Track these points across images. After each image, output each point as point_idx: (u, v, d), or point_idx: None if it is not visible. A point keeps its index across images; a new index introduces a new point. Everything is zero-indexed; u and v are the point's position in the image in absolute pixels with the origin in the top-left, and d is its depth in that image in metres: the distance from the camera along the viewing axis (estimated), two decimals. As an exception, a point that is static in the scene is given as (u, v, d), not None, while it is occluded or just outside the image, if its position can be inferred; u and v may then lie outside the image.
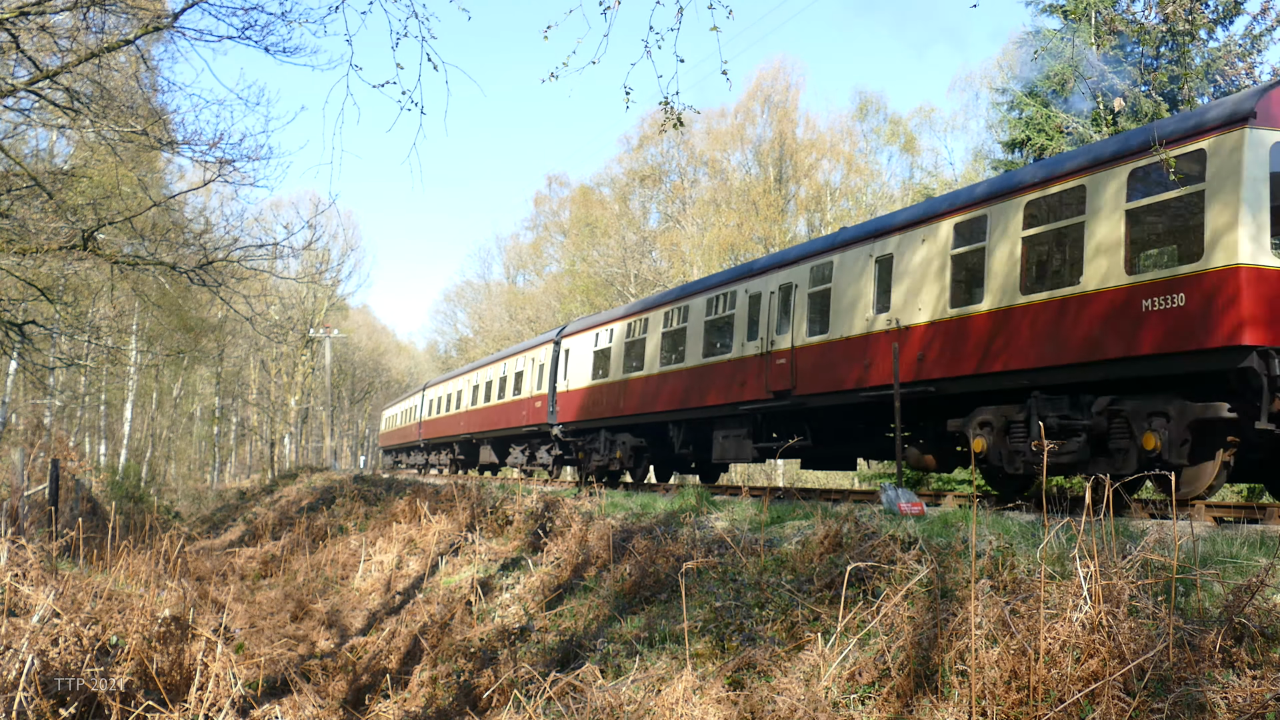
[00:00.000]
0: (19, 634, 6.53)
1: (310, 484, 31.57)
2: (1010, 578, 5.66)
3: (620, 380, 19.92)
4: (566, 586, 10.04)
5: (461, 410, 33.12)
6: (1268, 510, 8.93)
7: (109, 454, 37.13)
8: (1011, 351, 10.81)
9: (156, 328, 33.83)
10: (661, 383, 18.37)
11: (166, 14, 11.23)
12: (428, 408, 38.91)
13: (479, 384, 31.01)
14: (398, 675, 9.88)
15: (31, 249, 12.12)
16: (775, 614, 6.71)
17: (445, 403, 35.71)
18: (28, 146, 20.54)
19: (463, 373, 35.13)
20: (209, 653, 7.69)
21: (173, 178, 31.79)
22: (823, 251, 14.59)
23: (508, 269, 64.78)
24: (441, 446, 37.28)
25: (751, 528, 9.51)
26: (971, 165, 37.19)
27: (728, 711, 5.74)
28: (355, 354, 72.96)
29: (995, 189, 11.53)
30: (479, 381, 31.14)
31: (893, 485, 10.86)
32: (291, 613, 13.83)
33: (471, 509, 14.62)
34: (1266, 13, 19.00)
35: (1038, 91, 21.33)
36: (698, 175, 45.73)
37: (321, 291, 56.08)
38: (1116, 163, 9.74)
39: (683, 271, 41.42)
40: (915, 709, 5.13)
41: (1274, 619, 4.81)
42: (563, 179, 63.69)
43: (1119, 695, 4.52)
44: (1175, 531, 5.36)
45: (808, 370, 14.26)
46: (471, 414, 31.63)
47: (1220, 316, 8.58)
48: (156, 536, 12.31)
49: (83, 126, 11.45)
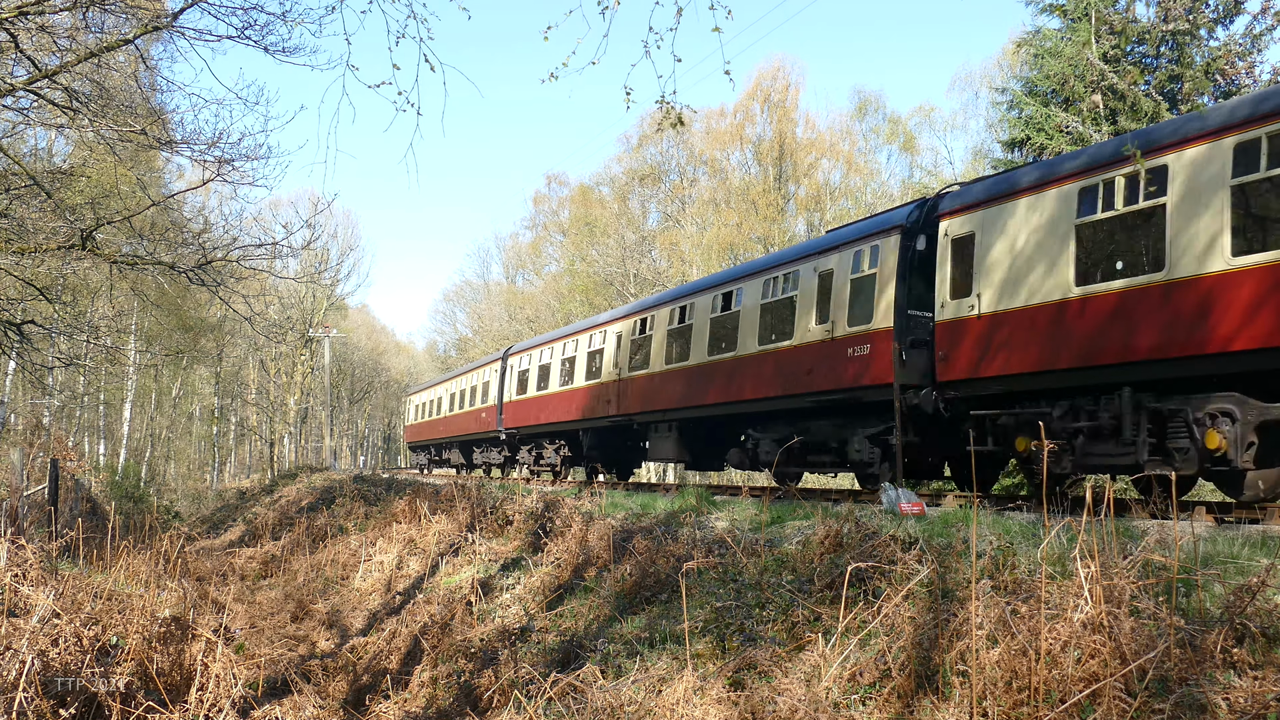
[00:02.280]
0: (19, 634, 6.52)
1: (310, 484, 31.55)
2: (1011, 578, 5.65)
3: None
4: (567, 587, 10.03)
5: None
6: (1268, 510, 8.92)
7: (108, 454, 37.11)
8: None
9: (155, 327, 33.81)
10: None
11: (166, 13, 11.21)
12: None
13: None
14: (398, 675, 9.88)
15: (30, 248, 12.10)
16: (776, 614, 6.70)
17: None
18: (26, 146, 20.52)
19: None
20: (209, 653, 7.68)
21: (171, 177, 31.82)
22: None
23: (507, 268, 64.81)
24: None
25: (752, 528, 9.51)
26: (971, 165, 37.19)
27: (728, 712, 5.74)
28: (354, 354, 72.89)
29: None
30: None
31: (893, 485, 10.86)
32: (291, 613, 13.82)
33: (471, 509, 14.61)
34: (1266, 12, 19.00)
35: (1037, 90, 21.34)
36: (697, 175, 45.76)
37: (320, 291, 56.02)
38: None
39: (682, 271, 41.42)
40: (916, 709, 5.13)
41: (1275, 619, 4.80)
42: (562, 178, 63.73)
43: (1120, 696, 4.51)
44: (1176, 532, 5.36)
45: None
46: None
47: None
48: (156, 536, 12.31)
49: (81, 126, 11.41)
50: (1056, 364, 10.61)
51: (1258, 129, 8.79)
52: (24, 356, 15.92)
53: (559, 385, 24.36)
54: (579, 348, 23.51)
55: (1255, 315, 8.73)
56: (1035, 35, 22.20)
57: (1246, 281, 8.74)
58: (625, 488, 19.59)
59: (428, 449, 40.38)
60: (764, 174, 42.34)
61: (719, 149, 43.97)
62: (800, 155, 42.52)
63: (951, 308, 12.05)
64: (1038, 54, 21.62)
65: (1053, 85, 20.76)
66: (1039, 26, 22.31)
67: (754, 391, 15.94)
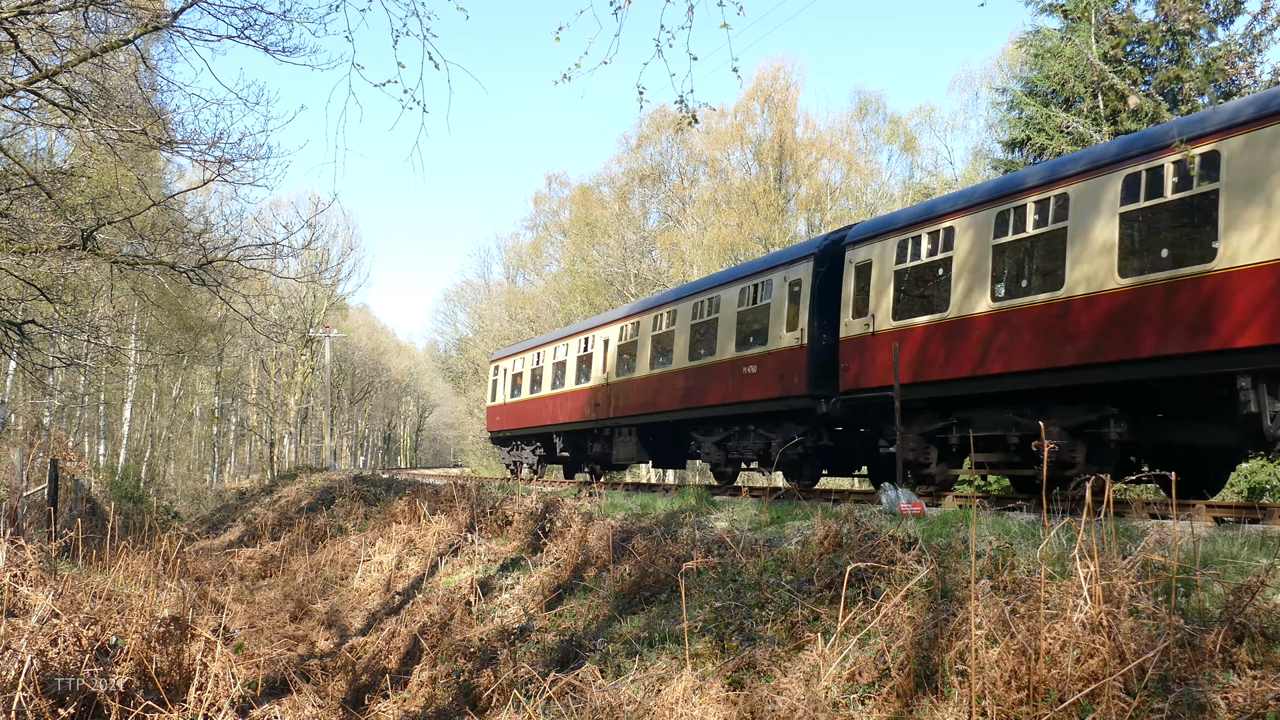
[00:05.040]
0: (18, 634, 6.51)
1: (310, 484, 31.54)
2: (1010, 578, 5.65)
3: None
4: (566, 587, 10.03)
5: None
6: (1268, 510, 8.93)
7: (108, 454, 37.10)
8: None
9: (156, 327, 33.81)
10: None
11: (166, 13, 11.20)
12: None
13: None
14: (397, 675, 9.87)
15: (31, 248, 12.10)
16: (775, 614, 6.70)
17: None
18: (27, 146, 20.54)
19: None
20: (208, 653, 7.69)
21: (172, 177, 31.83)
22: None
23: (508, 269, 64.76)
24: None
25: (751, 528, 9.51)
26: (972, 165, 37.18)
27: (727, 711, 5.73)
28: (355, 354, 72.85)
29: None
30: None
31: (893, 485, 10.86)
32: (291, 613, 13.81)
33: (471, 509, 14.60)
34: (1266, 12, 18.99)
35: (1038, 91, 21.34)
36: (697, 175, 45.74)
37: (321, 291, 55.99)
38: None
39: (682, 271, 41.42)
40: (915, 709, 5.13)
41: (1275, 619, 4.80)
42: (563, 178, 63.75)
43: (1119, 695, 4.51)
44: (1175, 531, 5.36)
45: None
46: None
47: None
48: (156, 537, 12.28)
49: (82, 126, 11.39)
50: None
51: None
52: (24, 356, 15.92)
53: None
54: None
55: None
56: (1035, 35, 22.20)
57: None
58: (625, 488, 19.65)
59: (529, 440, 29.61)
60: (764, 174, 42.32)
61: (719, 149, 43.96)
62: (801, 155, 42.50)
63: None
64: (1038, 54, 21.63)
65: (1053, 85, 20.76)
66: (1039, 26, 22.32)
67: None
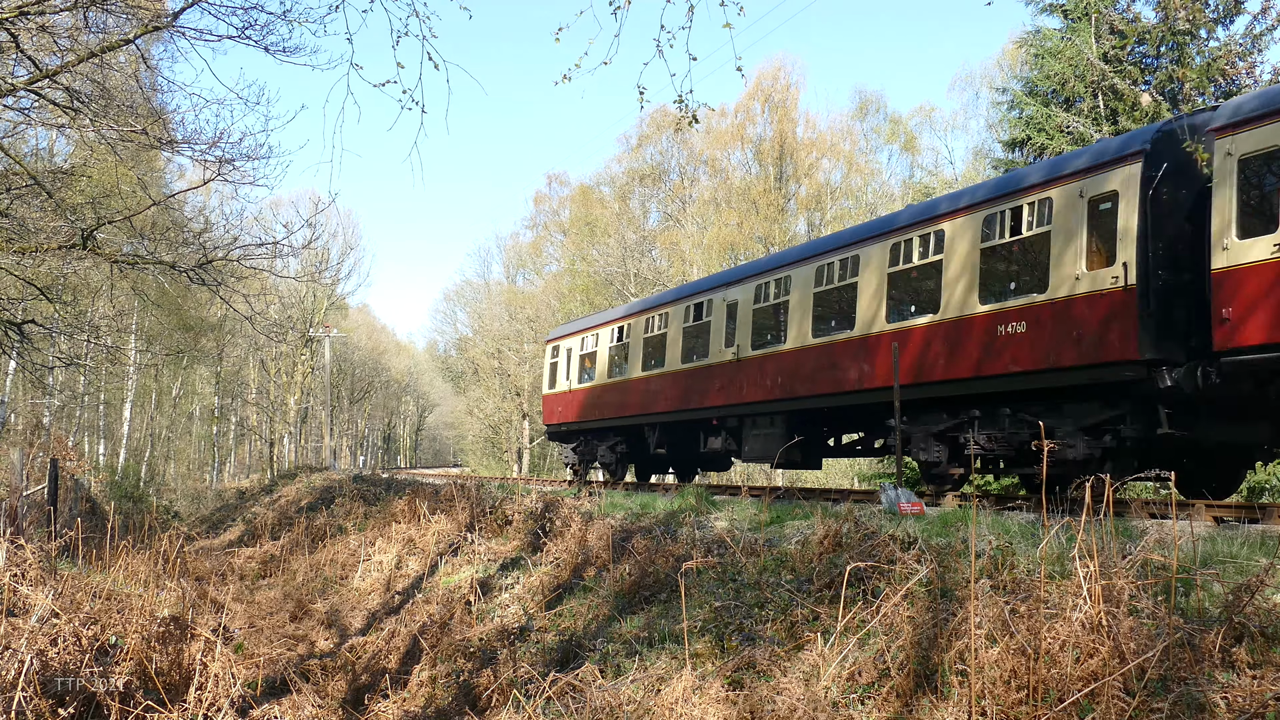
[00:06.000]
0: (18, 634, 6.52)
1: (309, 484, 31.51)
2: (1010, 577, 5.65)
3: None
4: (566, 586, 10.03)
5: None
6: (1268, 510, 8.93)
7: (108, 454, 37.10)
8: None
9: (156, 327, 33.81)
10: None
11: (166, 13, 11.19)
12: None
13: None
14: (397, 675, 9.87)
15: (31, 248, 12.09)
16: (775, 614, 6.70)
17: None
18: (27, 145, 20.55)
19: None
20: (208, 652, 7.69)
21: (172, 177, 31.82)
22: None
23: (507, 268, 64.68)
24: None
25: (751, 527, 9.51)
26: (972, 164, 37.18)
27: (727, 711, 5.74)
28: (355, 353, 72.79)
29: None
30: None
31: (893, 485, 10.85)
32: (291, 613, 13.80)
33: (471, 509, 14.60)
34: (1267, 12, 18.99)
35: (1038, 91, 21.34)
36: (698, 174, 45.75)
37: (321, 291, 55.94)
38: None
39: (683, 271, 41.41)
40: (915, 709, 5.13)
41: (1274, 619, 4.80)
42: (563, 178, 63.70)
43: (1119, 695, 4.51)
44: (1175, 531, 5.36)
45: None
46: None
47: None
48: (156, 536, 12.27)
49: (82, 126, 11.39)
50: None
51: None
52: (24, 356, 15.93)
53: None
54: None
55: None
56: (1035, 35, 22.20)
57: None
58: (625, 488, 19.65)
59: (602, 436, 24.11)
60: (764, 174, 42.33)
61: (719, 149, 43.97)
62: (801, 155, 42.52)
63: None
64: (1038, 54, 21.63)
65: (1053, 85, 20.76)
66: (1039, 26, 22.33)
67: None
